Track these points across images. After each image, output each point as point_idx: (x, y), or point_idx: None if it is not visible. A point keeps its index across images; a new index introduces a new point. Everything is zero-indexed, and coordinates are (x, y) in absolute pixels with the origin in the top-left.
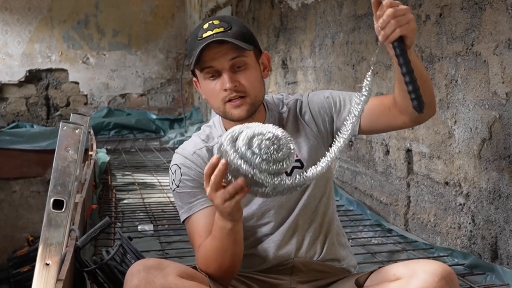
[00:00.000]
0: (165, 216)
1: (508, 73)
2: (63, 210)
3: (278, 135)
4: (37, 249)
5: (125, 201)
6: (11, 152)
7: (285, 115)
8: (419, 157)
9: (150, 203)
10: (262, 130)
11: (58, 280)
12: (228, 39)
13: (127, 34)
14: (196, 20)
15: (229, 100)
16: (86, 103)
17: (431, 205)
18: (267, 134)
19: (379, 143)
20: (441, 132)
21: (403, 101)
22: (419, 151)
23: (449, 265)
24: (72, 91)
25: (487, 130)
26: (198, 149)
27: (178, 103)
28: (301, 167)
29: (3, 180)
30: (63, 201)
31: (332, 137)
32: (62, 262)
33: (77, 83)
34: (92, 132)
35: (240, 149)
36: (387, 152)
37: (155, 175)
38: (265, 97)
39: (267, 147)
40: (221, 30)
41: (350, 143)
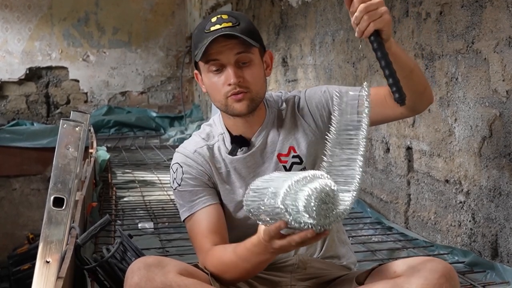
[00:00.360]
0: (165, 214)
1: (508, 71)
2: (64, 208)
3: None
4: (37, 247)
5: (125, 199)
6: (11, 150)
7: (284, 112)
8: (420, 155)
9: (150, 201)
10: (309, 191)
11: (58, 277)
12: (237, 34)
13: (127, 31)
14: (196, 17)
15: (232, 94)
16: (86, 101)
17: (431, 203)
18: (313, 194)
19: (379, 140)
20: (442, 130)
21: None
22: (419, 149)
23: (450, 263)
24: (72, 89)
25: (487, 128)
26: (199, 148)
27: (178, 101)
28: (300, 162)
29: (3, 177)
30: (63, 199)
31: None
32: (62, 259)
33: (77, 81)
34: (92, 130)
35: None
36: (388, 150)
37: (155, 173)
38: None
39: (319, 207)
40: (229, 24)
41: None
